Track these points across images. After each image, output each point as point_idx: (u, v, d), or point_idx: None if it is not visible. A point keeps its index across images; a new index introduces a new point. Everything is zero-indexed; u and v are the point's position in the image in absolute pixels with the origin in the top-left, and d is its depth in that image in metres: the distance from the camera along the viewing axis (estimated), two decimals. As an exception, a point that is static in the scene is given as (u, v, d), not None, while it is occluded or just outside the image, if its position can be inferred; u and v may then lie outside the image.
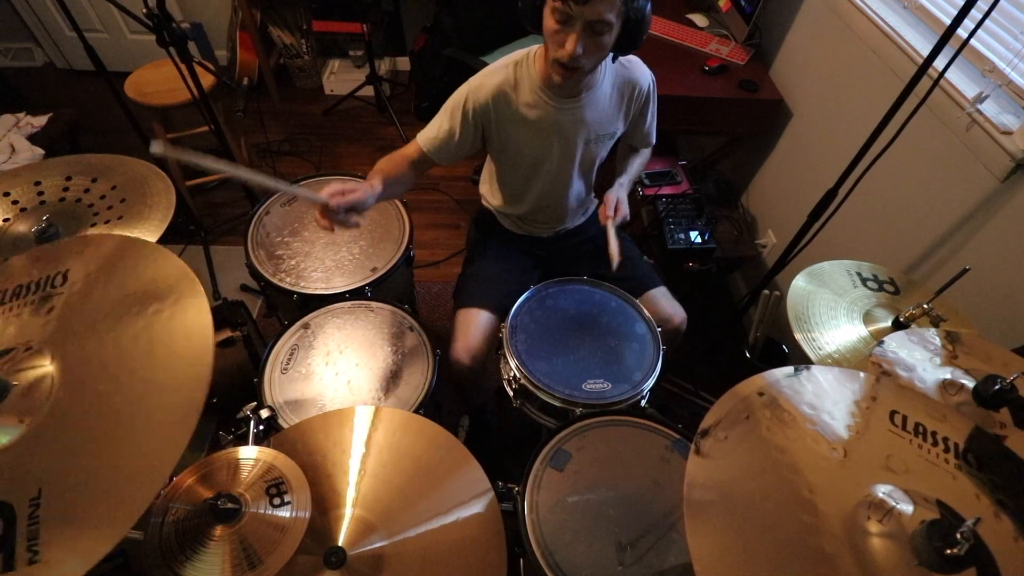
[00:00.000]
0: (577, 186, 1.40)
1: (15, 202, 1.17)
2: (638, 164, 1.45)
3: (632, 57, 1.27)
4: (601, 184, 1.46)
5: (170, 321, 0.78)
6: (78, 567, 0.59)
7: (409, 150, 1.27)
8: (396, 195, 1.26)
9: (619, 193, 1.31)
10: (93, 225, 1.15)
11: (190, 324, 0.77)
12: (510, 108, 1.22)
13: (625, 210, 1.28)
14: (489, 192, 1.51)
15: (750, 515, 0.65)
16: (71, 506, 0.63)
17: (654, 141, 1.45)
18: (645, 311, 1.32)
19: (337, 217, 1.02)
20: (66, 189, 1.20)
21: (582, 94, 1.21)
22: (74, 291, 0.82)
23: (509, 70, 1.21)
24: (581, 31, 1.01)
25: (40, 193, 1.20)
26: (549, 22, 1.04)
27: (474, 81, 1.23)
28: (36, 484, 0.64)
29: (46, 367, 0.74)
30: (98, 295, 0.82)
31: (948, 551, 0.58)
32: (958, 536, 0.57)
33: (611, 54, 1.12)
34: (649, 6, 1.04)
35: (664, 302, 1.41)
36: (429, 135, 1.26)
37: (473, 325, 1.33)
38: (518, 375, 1.18)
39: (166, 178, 1.23)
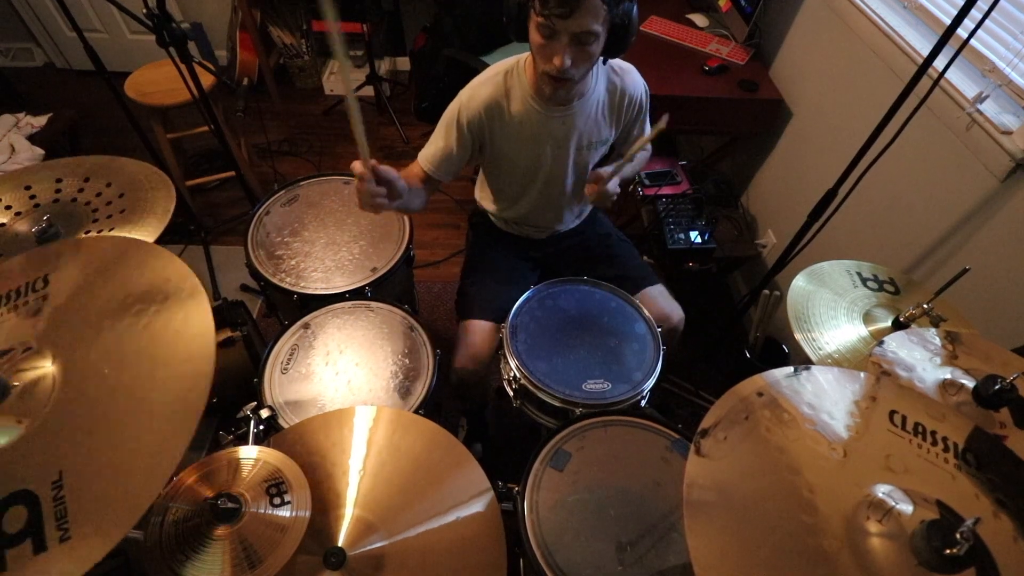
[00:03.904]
0: (570, 191, 1.40)
1: (8, 207, 1.17)
2: (636, 161, 1.45)
3: (626, 65, 1.27)
4: None
5: (171, 320, 0.78)
6: (108, 541, 0.61)
7: (415, 169, 1.28)
8: (413, 208, 1.25)
9: (607, 170, 1.18)
10: (95, 221, 1.15)
11: (192, 322, 0.77)
12: (503, 119, 1.23)
13: (613, 186, 1.19)
14: (482, 196, 1.52)
15: (750, 515, 0.65)
16: (94, 483, 0.65)
17: (650, 147, 1.45)
18: (645, 311, 1.32)
19: (368, 184, 0.96)
20: (59, 191, 1.20)
21: (573, 102, 1.21)
22: (69, 292, 0.82)
23: (499, 80, 1.21)
24: (568, 43, 1.00)
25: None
26: (535, 36, 1.04)
27: (464, 94, 1.23)
28: (56, 467, 0.65)
29: (46, 367, 0.75)
30: (98, 294, 0.82)
31: (948, 551, 0.58)
32: (957, 536, 0.57)
33: (601, 57, 1.12)
34: (635, 8, 1.03)
35: (661, 300, 1.41)
36: (428, 154, 1.27)
37: (477, 335, 1.34)
38: (518, 375, 1.18)
39: (166, 178, 1.23)
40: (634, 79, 1.28)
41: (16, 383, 0.73)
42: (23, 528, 0.61)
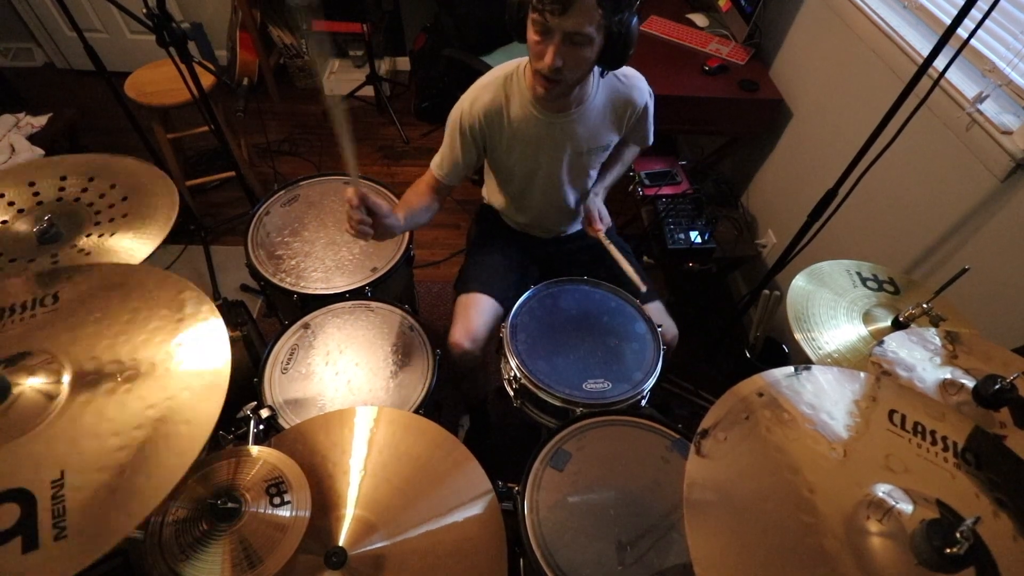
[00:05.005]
0: (571, 196, 1.40)
1: (11, 203, 1.16)
2: (618, 169, 1.46)
3: (630, 71, 1.26)
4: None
5: (186, 335, 0.82)
6: (106, 543, 0.61)
7: (427, 177, 1.31)
8: (423, 223, 1.32)
9: (597, 204, 1.39)
10: (97, 224, 1.15)
11: (207, 342, 0.84)
12: (502, 124, 1.23)
13: (607, 218, 1.40)
14: (490, 194, 1.52)
15: (750, 515, 0.65)
16: (98, 485, 0.65)
17: (651, 141, 1.44)
18: (645, 311, 1.32)
19: (356, 212, 1.04)
20: (63, 190, 1.20)
21: (572, 108, 1.21)
22: (83, 302, 0.84)
23: (500, 84, 1.21)
24: (560, 43, 1.00)
25: (39, 193, 1.19)
26: (531, 33, 1.04)
27: (466, 100, 1.23)
28: (59, 467, 0.66)
29: (58, 372, 0.76)
30: (113, 306, 0.84)
31: (948, 550, 0.58)
32: (957, 535, 0.57)
33: (599, 68, 1.12)
34: (635, 20, 1.03)
35: (659, 318, 1.40)
36: (437, 161, 1.30)
37: (473, 309, 1.33)
38: (518, 375, 1.18)
39: (169, 182, 1.22)
40: (639, 86, 1.27)
41: (23, 386, 0.73)
42: (13, 526, 0.61)
